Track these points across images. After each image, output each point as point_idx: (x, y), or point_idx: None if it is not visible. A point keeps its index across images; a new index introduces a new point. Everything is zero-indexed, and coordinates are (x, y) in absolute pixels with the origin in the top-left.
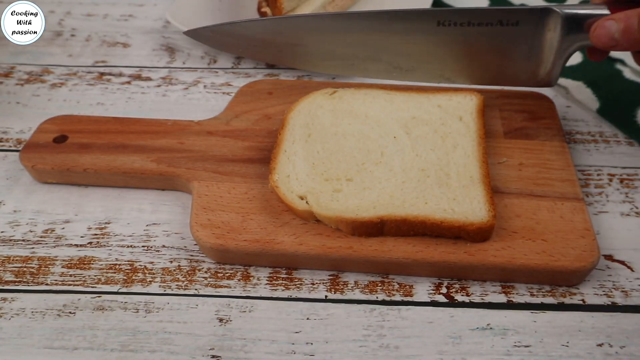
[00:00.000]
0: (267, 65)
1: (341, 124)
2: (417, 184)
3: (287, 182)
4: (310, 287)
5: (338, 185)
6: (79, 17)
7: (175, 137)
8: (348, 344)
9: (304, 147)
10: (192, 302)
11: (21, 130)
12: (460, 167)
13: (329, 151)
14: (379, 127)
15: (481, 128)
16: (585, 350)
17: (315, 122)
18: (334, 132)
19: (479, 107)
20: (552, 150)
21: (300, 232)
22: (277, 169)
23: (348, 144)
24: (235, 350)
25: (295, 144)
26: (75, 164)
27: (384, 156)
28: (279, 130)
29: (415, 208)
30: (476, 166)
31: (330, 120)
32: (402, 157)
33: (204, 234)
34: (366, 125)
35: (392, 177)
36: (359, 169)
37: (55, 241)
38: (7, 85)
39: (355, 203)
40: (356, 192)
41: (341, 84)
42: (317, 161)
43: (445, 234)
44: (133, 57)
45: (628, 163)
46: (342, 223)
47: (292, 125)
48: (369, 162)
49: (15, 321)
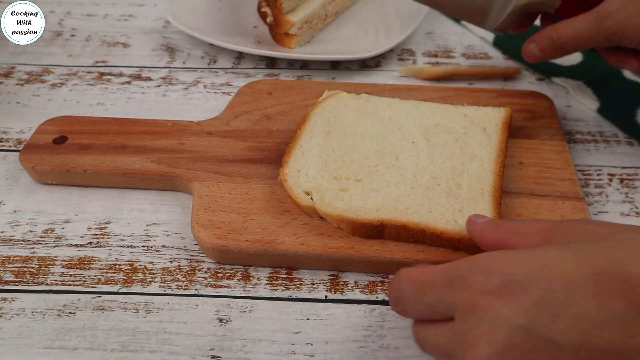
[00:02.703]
0: (267, 65)
1: (362, 125)
2: (425, 191)
3: (297, 176)
4: (310, 287)
5: (346, 184)
6: (79, 17)
7: (175, 137)
8: (348, 345)
9: (320, 144)
10: (192, 302)
11: (21, 130)
12: (474, 178)
13: (344, 150)
14: (399, 130)
15: (504, 141)
16: None
17: (337, 120)
18: (353, 132)
19: (506, 120)
20: (552, 150)
21: (301, 232)
22: (289, 163)
23: (365, 144)
24: (235, 350)
25: (312, 140)
26: (75, 165)
27: (398, 160)
28: (299, 126)
29: (418, 215)
30: (490, 179)
31: (352, 120)
32: (417, 163)
33: (205, 234)
34: (387, 128)
35: (401, 182)
36: (370, 170)
37: (55, 241)
38: (7, 85)
39: (359, 204)
40: (362, 193)
41: (341, 84)
42: (330, 159)
43: (444, 244)
44: (133, 57)
45: (628, 163)
46: (342, 222)
47: (313, 122)
48: (382, 165)
49: (15, 321)
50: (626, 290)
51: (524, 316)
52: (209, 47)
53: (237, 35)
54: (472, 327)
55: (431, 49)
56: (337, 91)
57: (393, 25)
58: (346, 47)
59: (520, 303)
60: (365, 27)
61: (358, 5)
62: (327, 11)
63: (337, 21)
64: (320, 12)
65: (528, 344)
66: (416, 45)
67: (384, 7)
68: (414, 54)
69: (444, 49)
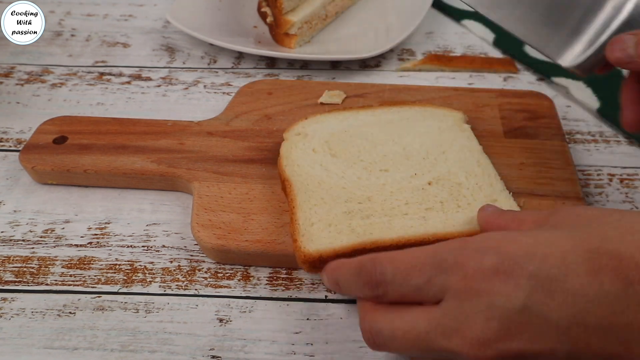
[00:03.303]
0: (267, 65)
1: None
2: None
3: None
4: (310, 287)
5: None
6: (79, 17)
7: (175, 137)
8: (348, 345)
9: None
10: (192, 302)
11: (21, 130)
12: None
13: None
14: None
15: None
16: None
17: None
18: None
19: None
20: (552, 150)
21: None
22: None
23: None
24: (235, 350)
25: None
26: (75, 165)
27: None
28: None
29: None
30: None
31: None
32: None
33: (205, 234)
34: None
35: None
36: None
37: (55, 241)
38: (7, 85)
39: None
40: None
41: (341, 84)
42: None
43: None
44: (133, 57)
45: (628, 163)
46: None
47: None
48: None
49: (15, 321)
50: (618, 268)
51: (521, 294)
52: (209, 47)
53: (237, 35)
54: (467, 307)
55: (431, 49)
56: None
57: (393, 25)
58: (346, 47)
59: (516, 280)
60: (365, 27)
61: (358, 5)
62: (327, 11)
63: (337, 21)
64: (320, 12)
65: (524, 323)
66: (416, 45)
67: (384, 7)
68: (414, 54)
69: (444, 49)
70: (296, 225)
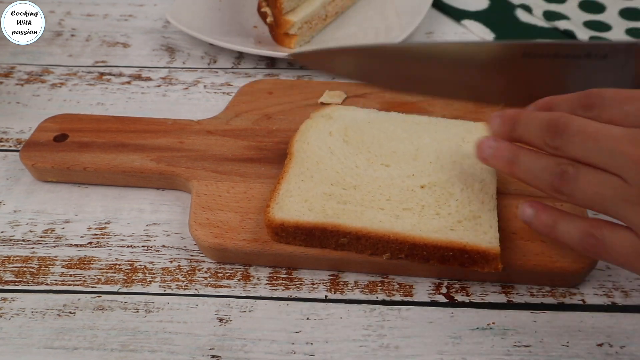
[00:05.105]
0: (267, 65)
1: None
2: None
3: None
4: (310, 287)
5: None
6: (79, 17)
7: (175, 136)
8: (348, 344)
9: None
10: (192, 302)
11: (21, 130)
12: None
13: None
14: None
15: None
16: (585, 350)
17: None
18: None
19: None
20: None
21: None
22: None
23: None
24: (235, 350)
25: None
26: (76, 163)
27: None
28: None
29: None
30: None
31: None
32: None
33: (203, 233)
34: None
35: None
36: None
37: (55, 241)
38: (7, 85)
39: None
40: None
41: (341, 84)
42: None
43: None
44: (133, 57)
45: None
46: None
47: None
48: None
49: (15, 321)
50: None
51: None
52: (209, 47)
53: (237, 35)
54: None
55: None
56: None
57: (393, 25)
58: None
59: None
60: (365, 27)
61: (358, 5)
62: (327, 11)
63: (337, 21)
64: (320, 12)
65: None
66: None
67: (384, 7)
68: None
69: None
70: (275, 194)
